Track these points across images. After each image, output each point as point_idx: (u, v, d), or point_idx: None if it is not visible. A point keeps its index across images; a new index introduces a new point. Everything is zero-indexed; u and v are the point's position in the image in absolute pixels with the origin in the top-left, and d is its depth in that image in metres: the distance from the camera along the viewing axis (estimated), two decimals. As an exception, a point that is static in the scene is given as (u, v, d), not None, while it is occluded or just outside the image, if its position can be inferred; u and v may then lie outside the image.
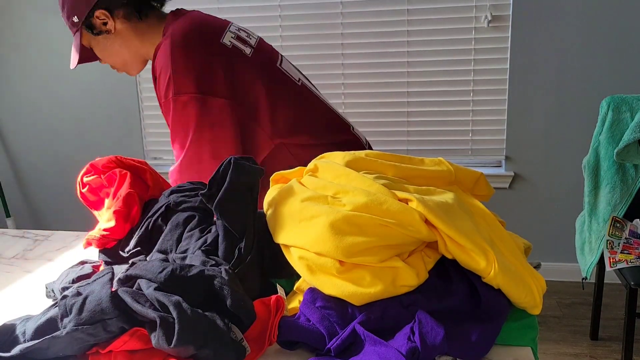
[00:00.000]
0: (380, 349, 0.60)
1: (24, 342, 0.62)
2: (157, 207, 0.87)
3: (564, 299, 2.58)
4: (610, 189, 1.87)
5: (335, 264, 0.67)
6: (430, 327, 0.61)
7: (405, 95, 2.67)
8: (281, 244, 0.74)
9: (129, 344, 0.62)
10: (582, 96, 2.53)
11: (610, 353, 2.14)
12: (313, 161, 0.83)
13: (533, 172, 2.65)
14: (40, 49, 2.91)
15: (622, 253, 1.84)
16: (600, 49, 2.47)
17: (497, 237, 0.73)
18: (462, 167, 0.83)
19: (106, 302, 0.60)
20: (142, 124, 2.92)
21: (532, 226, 2.70)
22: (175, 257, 0.76)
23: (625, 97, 1.89)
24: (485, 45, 2.56)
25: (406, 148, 2.73)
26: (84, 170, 0.95)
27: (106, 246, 0.87)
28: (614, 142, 1.87)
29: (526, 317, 0.69)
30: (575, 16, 2.46)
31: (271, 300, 0.68)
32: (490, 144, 2.67)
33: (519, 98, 2.58)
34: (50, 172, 3.08)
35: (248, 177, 0.77)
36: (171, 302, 0.60)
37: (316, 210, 0.71)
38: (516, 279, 0.68)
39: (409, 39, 2.60)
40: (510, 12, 2.51)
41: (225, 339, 0.60)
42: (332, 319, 0.65)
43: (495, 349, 0.65)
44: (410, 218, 0.68)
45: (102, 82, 2.89)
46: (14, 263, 1.00)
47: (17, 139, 3.08)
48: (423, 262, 0.70)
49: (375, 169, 0.80)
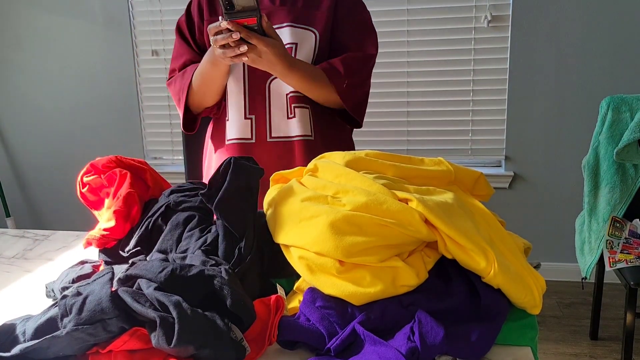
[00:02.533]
0: (380, 349, 0.60)
1: (24, 342, 0.62)
2: (157, 207, 0.87)
3: (563, 299, 2.58)
4: (610, 188, 1.87)
5: (335, 264, 0.67)
6: (430, 327, 0.61)
7: (405, 95, 2.67)
8: (281, 243, 0.74)
9: (129, 344, 0.62)
10: (582, 96, 2.53)
11: (610, 353, 2.14)
12: (313, 161, 0.83)
13: (533, 172, 2.65)
14: (40, 49, 2.91)
15: (621, 253, 1.84)
16: (600, 49, 2.47)
17: (497, 237, 0.73)
18: (462, 167, 0.83)
19: (106, 302, 0.60)
20: (142, 124, 2.92)
21: (531, 226, 2.71)
22: (175, 257, 0.76)
23: (625, 97, 1.89)
24: (485, 45, 2.56)
25: (406, 148, 2.73)
26: (84, 170, 0.95)
27: (106, 246, 0.87)
28: (613, 142, 1.87)
29: (526, 317, 0.69)
30: (575, 16, 2.46)
31: (271, 300, 0.68)
32: (490, 144, 2.67)
33: (519, 98, 2.58)
34: (50, 172, 3.08)
35: (248, 177, 0.77)
36: (171, 302, 0.60)
37: (316, 210, 0.71)
38: (516, 279, 0.68)
39: (409, 39, 2.60)
40: (510, 12, 2.51)
41: (225, 339, 0.60)
42: (332, 318, 0.65)
43: (495, 348, 0.65)
44: (410, 218, 0.68)
45: (102, 82, 2.89)
46: (14, 263, 1.00)
47: (17, 139, 3.08)
48: (423, 262, 0.70)
49: (375, 169, 0.80)
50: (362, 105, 1.35)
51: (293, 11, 1.30)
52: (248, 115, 1.32)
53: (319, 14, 1.31)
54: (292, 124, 1.31)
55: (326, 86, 1.26)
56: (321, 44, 1.31)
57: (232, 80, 1.32)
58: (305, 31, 1.30)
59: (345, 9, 1.33)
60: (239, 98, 1.31)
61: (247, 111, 1.31)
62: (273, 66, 1.16)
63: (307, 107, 1.31)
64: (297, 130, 1.31)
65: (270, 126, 1.32)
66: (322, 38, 1.30)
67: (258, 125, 1.31)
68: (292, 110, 1.31)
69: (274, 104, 1.31)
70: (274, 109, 1.31)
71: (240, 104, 1.31)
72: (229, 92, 1.32)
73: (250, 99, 1.32)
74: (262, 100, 1.31)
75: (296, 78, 1.22)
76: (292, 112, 1.31)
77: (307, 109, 1.32)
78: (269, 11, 1.31)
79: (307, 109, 1.32)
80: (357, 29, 1.34)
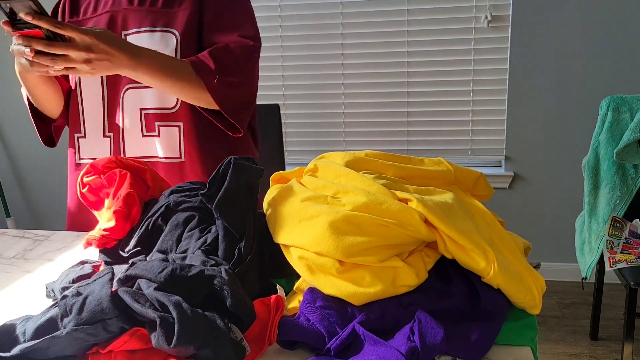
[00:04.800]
0: (380, 349, 0.60)
1: (24, 342, 0.62)
2: (157, 207, 0.87)
3: (563, 299, 2.58)
4: (610, 189, 1.88)
5: (335, 264, 0.67)
6: (430, 327, 0.61)
7: (405, 95, 2.67)
8: (281, 243, 0.74)
9: (129, 344, 0.62)
10: (581, 96, 2.53)
11: (610, 353, 2.14)
12: (313, 161, 0.83)
13: (533, 172, 2.65)
14: (40, 49, 2.91)
15: (621, 253, 1.84)
16: (600, 49, 2.47)
17: (496, 237, 0.73)
18: (462, 167, 0.83)
19: (106, 302, 0.60)
20: (142, 124, 2.92)
21: (531, 226, 2.71)
22: (175, 257, 0.76)
23: (625, 97, 1.89)
24: (485, 45, 2.56)
25: (406, 148, 2.73)
26: (84, 171, 0.95)
27: (106, 246, 0.87)
28: (613, 142, 1.87)
29: (526, 317, 0.69)
30: (575, 16, 2.46)
31: (271, 300, 0.68)
32: (490, 144, 2.67)
33: (519, 98, 2.58)
34: (50, 172, 3.08)
35: (248, 177, 0.77)
36: (171, 302, 0.60)
37: (316, 210, 0.71)
38: (516, 279, 0.68)
39: (409, 39, 2.61)
40: (510, 12, 2.51)
41: (225, 339, 0.60)
42: (331, 318, 0.65)
43: (495, 348, 0.65)
44: (410, 218, 0.68)
45: (102, 82, 2.89)
46: (14, 263, 1.00)
47: (17, 139, 3.08)
48: (423, 262, 0.70)
49: (375, 169, 0.80)
50: (244, 108, 1.15)
51: (151, 12, 1.14)
52: (107, 133, 1.18)
53: (180, 13, 1.14)
54: (151, 143, 1.17)
55: (191, 82, 1.07)
56: (183, 46, 1.13)
57: (88, 94, 1.19)
58: (165, 34, 1.13)
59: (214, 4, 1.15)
60: (96, 113, 1.18)
61: (106, 129, 1.18)
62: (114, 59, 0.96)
63: (177, 126, 1.16)
64: (159, 150, 1.17)
65: (123, 145, 1.18)
66: (182, 40, 1.13)
67: (115, 143, 1.18)
68: (154, 128, 1.16)
69: (128, 120, 1.16)
70: (127, 125, 1.17)
71: (99, 121, 1.18)
72: (86, 106, 1.19)
73: (109, 115, 1.18)
74: (118, 116, 1.16)
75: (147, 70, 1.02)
76: (156, 130, 1.16)
77: (177, 128, 1.16)
78: (125, 14, 1.16)
79: (177, 127, 1.16)
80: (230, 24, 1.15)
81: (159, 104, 1.16)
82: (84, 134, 1.20)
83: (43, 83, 1.14)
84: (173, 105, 1.17)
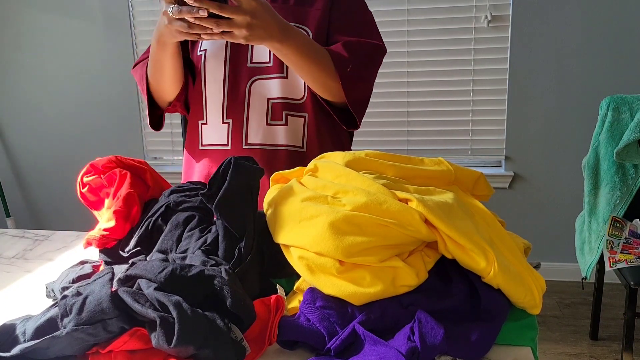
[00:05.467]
0: (380, 349, 0.60)
1: (24, 342, 0.62)
2: (157, 207, 0.87)
3: (563, 298, 2.58)
4: (610, 188, 1.88)
5: (335, 264, 0.67)
6: (430, 327, 0.61)
7: (405, 95, 2.67)
8: (281, 243, 0.74)
9: (129, 344, 0.62)
10: (581, 96, 2.53)
11: (610, 353, 2.14)
12: (313, 161, 0.83)
13: (533, 172, 2.65)
14: (40, 49, 2.91)
15: (621, 253, 1.84)
16: (600, 49, 2.47)
17: (497, 237, 0.73)
18: (462, 167, 0.83)
19: (106, 302, 0.60)
20: (142, 124, 2.92)
21: (532, 226, 2.71)
22: (175, 257, 0.76)
23: (625, 97, 1.89)
24: (485, 45, 2.56)
25: (406, 148, 2.73)
26: (84, 170, 0.95)
27: (106, 246, 0.87)
28: (613, 142, 1.87)
29: (526, 317, 0.69)
30: (575, 16, 2.46)
31: (271, 300, 0.68)
32: (490, 144, 2.67)
33: (519, 98, 2.58)
34: (50, 172, 3.08)
35: (248, 177, 0.77)
36: (171, 302, 0.60)
37: (316, 210, 0.71)
38: (516, 279, 0.68)
39: (409, 39, 2.61)
40: (510, 12, 2.51)
41: (225, 339, 0.60)
42: (332, 318, 0.65)
43: (495, 348, 0.65)
44: (410, 218, 0.68)
45: (102, 82, 2.89)
46: (14, 263, 1.00)
47: (17, 139, 3.08)
48: (423, 262, 0.70)
49: (375, 169, 0.80)
50: (364, 103, 1.21)
51: (284, 8, 1.18)
52: (225, 120, 1.21)
53: (312, 12, 1.19)
54: (276, 131, 1.20)
55: (327, 69, 1.11)
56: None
57: (211, 82, 1.22)
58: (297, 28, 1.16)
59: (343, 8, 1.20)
60: (217, 100, 1.21)
61: (224, 115, 1.21)
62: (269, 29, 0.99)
63: (303, 117, 1.20)
64: (283, 139, 1.20)
65: (246, 132, 1.21)
66: (315, 38, 1.17)
67: (234, 130, 1.20)
68: (282, 117, 1.20)
69: (253, 109, 1.19)
70: (252, 113, 1.19)
71: (219, 107, 1.21)
72: (208, 94, 1.22)
73: (229, 102, 1.21)
74: (240, 104, 1.20)
75: (292, 46, 1.05)
76: (283, 119, 1.20)
77: (303, 118, 1.20)
78: None
79: (303, 118, 1.20)
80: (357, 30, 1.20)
81: (288, 94, 1.20)
82: (206, 121, 1.24)
83: (178, 55, 1.16)
84: (301, 97, 1.21)
